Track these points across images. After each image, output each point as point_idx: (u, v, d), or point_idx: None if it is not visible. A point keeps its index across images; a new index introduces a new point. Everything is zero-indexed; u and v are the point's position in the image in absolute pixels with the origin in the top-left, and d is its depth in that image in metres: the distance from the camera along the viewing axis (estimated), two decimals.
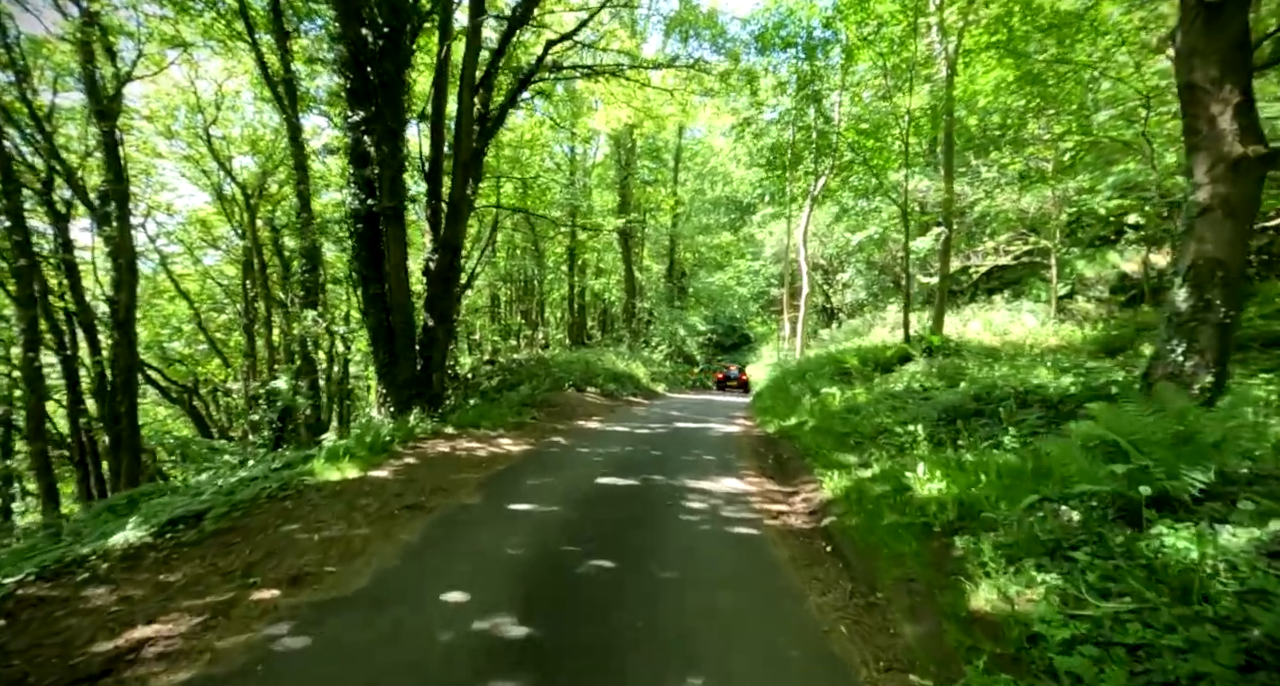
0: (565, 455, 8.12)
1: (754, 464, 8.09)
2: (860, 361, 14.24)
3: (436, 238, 10.35)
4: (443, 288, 10.40)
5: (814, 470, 7.25)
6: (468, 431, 9.37)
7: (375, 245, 9.91)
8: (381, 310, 10.02)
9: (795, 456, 8.40)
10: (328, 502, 5.13)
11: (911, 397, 9.64)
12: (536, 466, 7.24)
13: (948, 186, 13.85)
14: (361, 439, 7.25)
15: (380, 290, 10.00)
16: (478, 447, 8.16)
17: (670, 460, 8.03)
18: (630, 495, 5.98)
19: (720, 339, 40.94)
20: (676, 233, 30.96)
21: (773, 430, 11.29)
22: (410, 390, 10.00)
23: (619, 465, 7.49)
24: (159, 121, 18.82)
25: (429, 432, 8.69)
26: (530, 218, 25.34)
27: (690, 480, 6.78)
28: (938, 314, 14.53)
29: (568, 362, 18.82)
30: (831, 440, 8.56)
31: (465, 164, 10.23)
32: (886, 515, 4.70)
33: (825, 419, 10.53)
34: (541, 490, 6.01)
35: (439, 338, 10.51)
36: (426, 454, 7.44)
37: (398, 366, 10.09)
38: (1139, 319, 13.91)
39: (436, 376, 10.58)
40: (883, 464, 6.36)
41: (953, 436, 6.85)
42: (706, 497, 6.04)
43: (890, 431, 7.64)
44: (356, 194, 9.53)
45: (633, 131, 25.68)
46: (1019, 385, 7.50)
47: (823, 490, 6.10)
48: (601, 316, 34.44)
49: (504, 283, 30.70)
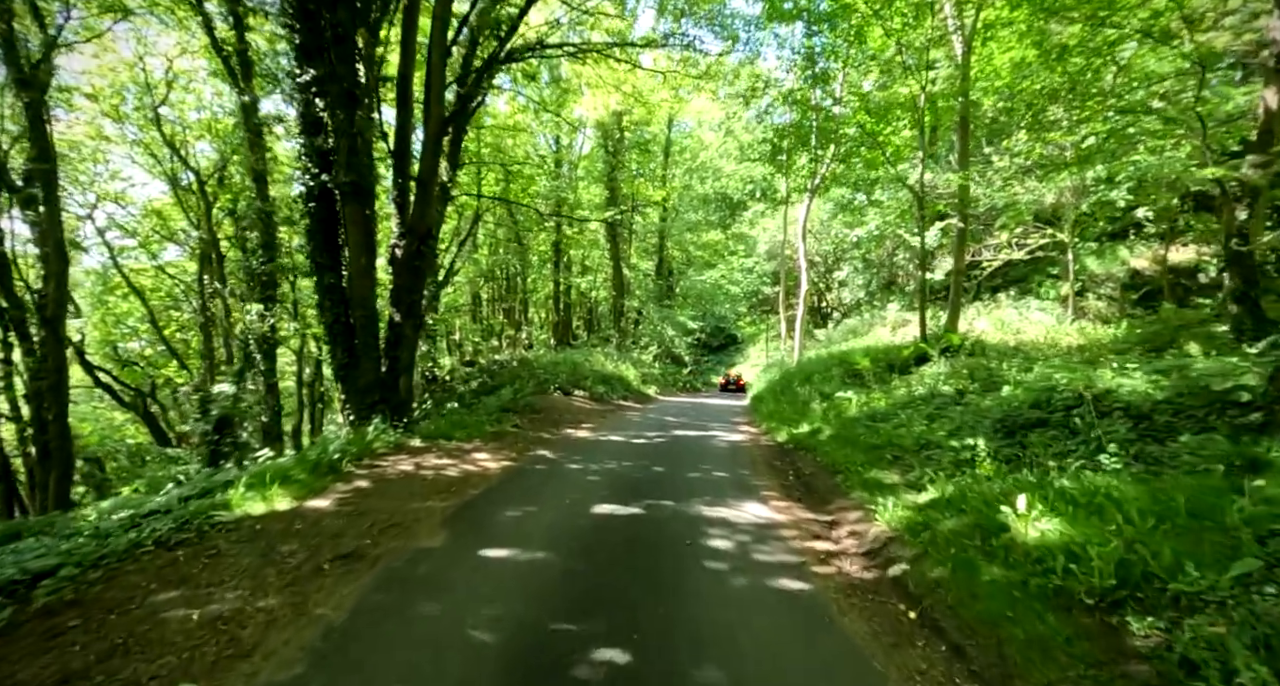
0: (553, 473, 6.86)
1: (774, 482, 6.91)
2: (871, 362, 13.16)
3: (404, 221, 9.03)
4: (411, 278, 9.08)
5: (850, 491, 6.08)
6: (438, 444, 8.06)
7: (331, 228, 8.58)
8: (339, 303, 8.68)
9: (820, 472, 7.22)
10: (236, 551, 3.83)
11: (943, 403, 8.54)
12: (518, 490, 5.98)
13: (963, 173, 12.81)
14: (303, 457, 5.93)
15: (337, 280, 8.67)
16: (448, 465, 6.86)
17: (676, 478, 6.81)
18: (635, 531, 4.75)
19: (707, 339, 39.86)
20: (666, 227, 29.77)
21: (784, 439, 10.13)
22: (373, 396, 8.67)
23: (617, 486, 6.25)
24: (105, 101, 17.20)
25: (391, 446, 7.37)
26: (513, 211, 24.06)
27: (705, 506, 5.57)
28: (952, 311, 13.47)
29: (553, 364, 17.53)
30: (861, 453, 7.41)
31: (436, 135, 8.92)
32: (984, 567, 3.53)
33: (844, 427, 9.41)
34: (524, 525, 4.75)
35: (406, 335, 9.19)
36: (384, 474, 6.14)
37: (358, 368, 8.75)
38: (1176, 316, 12.96)
39: (404, 380, 9.26)
40: (942, 487, 5.22)
41: (1020, 451, 5.73)
42: (730, 532, 4.83)
43: (938, 444, 6.51)
44: (309, 167, 8.19)
45: (621, 120, 24.47)
46: (1084, 389, 6.39)
47: (874, 521, 4.92)
48: (588, 315, 33.14)
49: (486, 280, 29.32)
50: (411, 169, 9.16)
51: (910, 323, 22.33)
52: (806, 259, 21.23)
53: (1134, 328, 14.01)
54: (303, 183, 8.25)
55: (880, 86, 13.37)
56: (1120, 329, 14.20)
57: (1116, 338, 13.28)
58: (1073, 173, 13.63)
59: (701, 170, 34.84)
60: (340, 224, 8.64)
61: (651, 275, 30.73)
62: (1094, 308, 18.07)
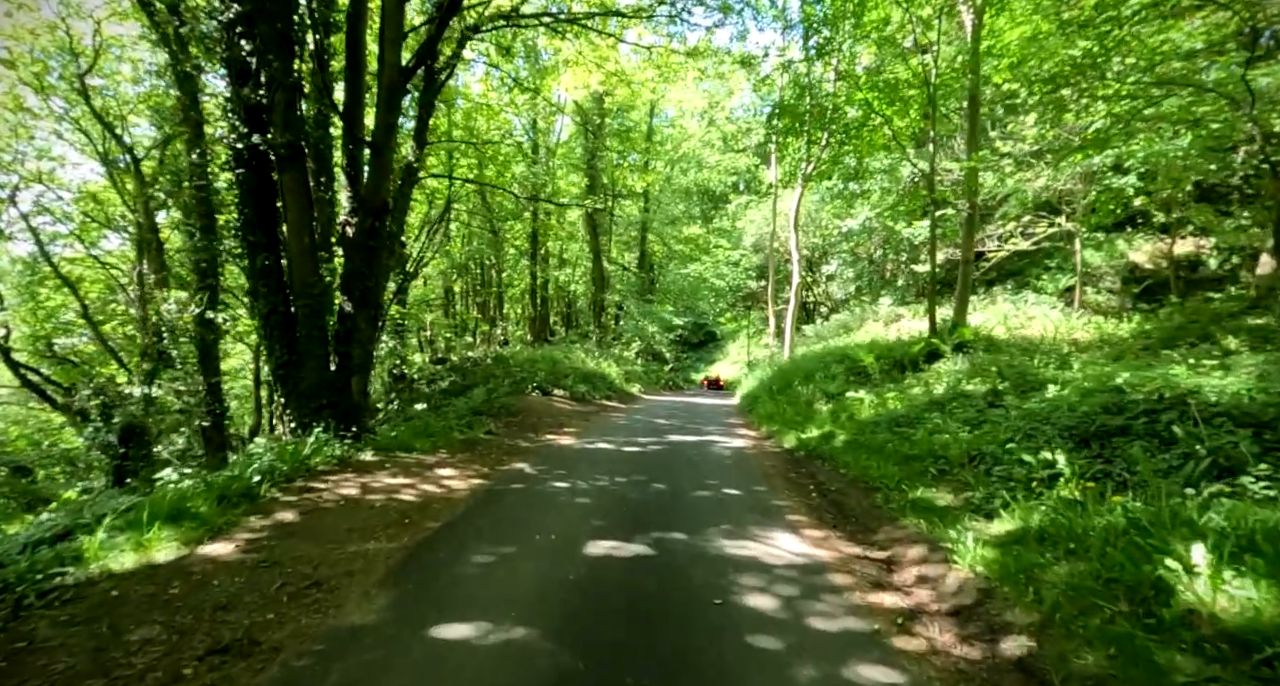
0: (533, 495, 5.65)
1: (797, 501, 5.79)
2: (876, 359, 12.17)
3: (356, 194, 7.69)
4: (365, 261, 7.75)
5: (897, 515, 5.00)
6: (395, 458, 6.78)
7: (267, 199, 7.22)
8: (277, 289, 7.33)
9: (849, 488, 6.14)
10: (60, 641, 2.56)
11: (976, 405, 7.53)
12: (490, 520, 4.75)
13: (977, 155, 11.89)
14: (209, 482, 4.62)
15: (274, 262, 7.31)
16: (405, 485, 5.61)
17: (683, 499, 5.66)
18: (645, 584, 3.58)
19: (688, 336, 38.85)
20: (648, 219, 28.58)
21: (792, 445, 9.06)
22: (318, 400, 7.35)
23: (613, 512, 5.07)
24: (25, 68, 15.35)
25: (334, 462, 6.08)
26: (488, 200, 22.65)
27: (726, 540, 4.43)
28: (959, 304, 12.56)
29: (530, 361, 16.24)
30: (893, 464, 6.35)
31: (392, 89, 7.58)
32: (1159, 653, 2.44)
33: (860, 431, 8.38)
34: (495, 580, 3.55)
35: (360, 328, 7.86)
36: (319, 501, 4.86)
37: (301, 367, 7.42)
38: (1202, 308, 12.23)
39: (357, 380, 7.93)
40: (1025, 514, 4.16)
41: (1105, 466, 4.70)
42: (767, 581, 3.69)
43: (995, 457, 5.45)
44: (235, 126, 6.81)
45: (602, 102, 23.20)
46: (1164, 391, 5.40)
47: (950, 563, 3.82)
48: (566, 310, 31.78)
49: (458, 274, 27.84)
50: (364, 130, 7.81)
51: (903, 317, 21.54)
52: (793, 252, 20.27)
53: (1148, 321, 13.29)
54: (230, 143, 6.86)
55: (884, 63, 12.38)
56: (1132, 323, 13.47)
57: (1133, 332, 12.52)
58: (1088, 155, 12.80)
59: (684, 161, 33.73)
60: (278, 195, 7.28)
61: (633, 268, 29.51)
62: (1094, 301, 17.45)
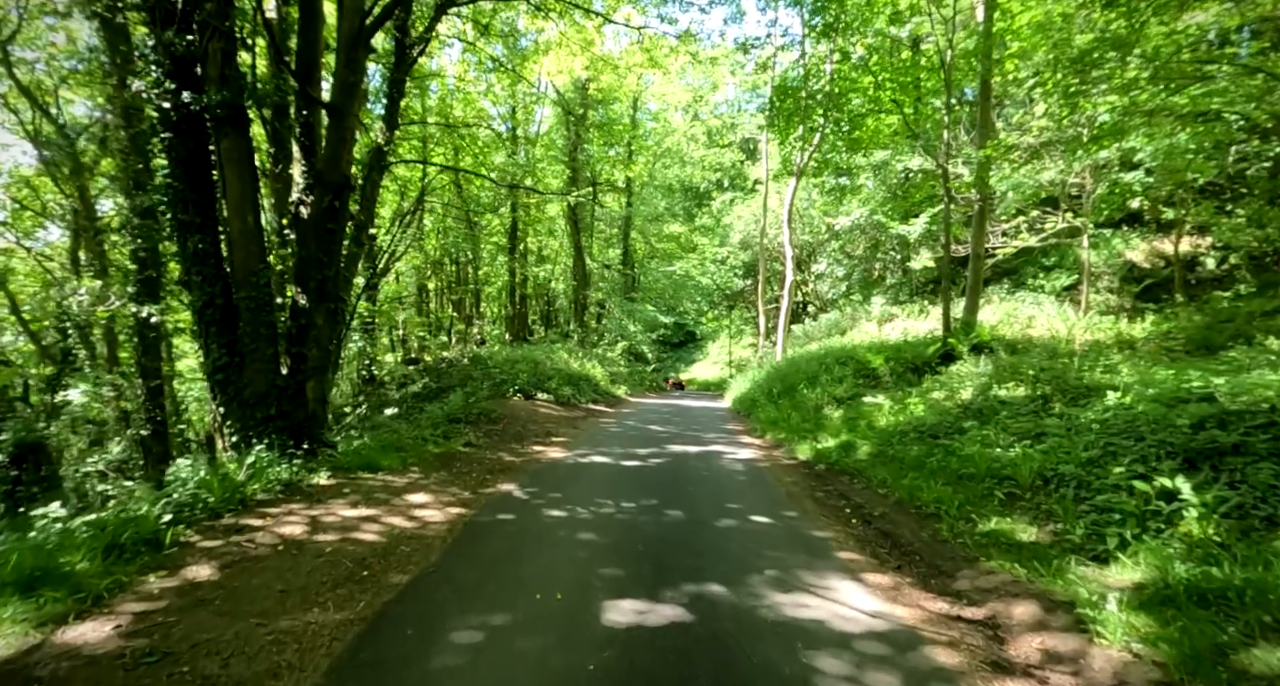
0: (527, 531, 4.61)
1: (841, 531, 4.86)
2: (885, 360, 11.37)
3: (311, 166, 6.54)
4: (323, 246, 6.60)
5: (975, 554, 4.11)
6: (357, 480, 5.67)
7: (201, 171, 6.04)
8: (214, 278, 6.16)
9: (895, 513, 5.23)
10: None
11: (1020, 414, 6.70)
12: (474, 571, 3.70)
13: (992, 143, 11.16)
14: (98, 527, 3.48)
15: (211, 246, 6.14)
16: (366, 519, 4.52)
17: (707, 531, 4.68)
18: (694, 676, 2.59)
19: (669, 336, 37.99)
20: (632, 213, 27.55)
21: (808, 456, 8.15)
22: (265, 409, 6.20)
23: (628, 554, 4.07)
24: None
25: (280, 489, 4.96)
26: (463, 187, 21.41)
27: (778, 593, 3.47)
28: (970, 301, 11.82)
29: (510, 362, 15.11)
30: (940, 484, 5.49)
31: (353, 40, 6.42)
32: None
33: (886, 442, 7.54)
34: (487, 676, 2.52)
35: (316, 325, 6.71)
36: (250, 548, 3.76)
37: (243, 371, 6.26)
38: (1229, 307, 11.67)
39: (313, 386, 6.77)
40: (1161, 561, 3.29)
41: (1226, 493, 3.85)
42: (854, 664, 2.73)
43: (1078, 479, 4.58)
44: (160, 79, 5.63)
45: (586, 90, 22.13)
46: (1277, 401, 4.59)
47: (1095, 638, 2.90)
48: (546, 308, 30.56)
49: (433, 271, 26.53)
50: (320, 91, 6.66)
51: (897, 317, 20.94)
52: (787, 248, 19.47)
53: (1164, 321, 12.73)
54: (153, 100, 5.67)
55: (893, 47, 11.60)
56: (1146, 322, 12.90)
57: (1151, 332, 11.91)
58: (1103, 146, 12.19)
59: (667, 156, 32.80)
60: (215, 166, 6.11)
61: (615, 265, 28.46)
62: (1093, 301, 17.00)
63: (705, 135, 33.20)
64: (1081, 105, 11.90)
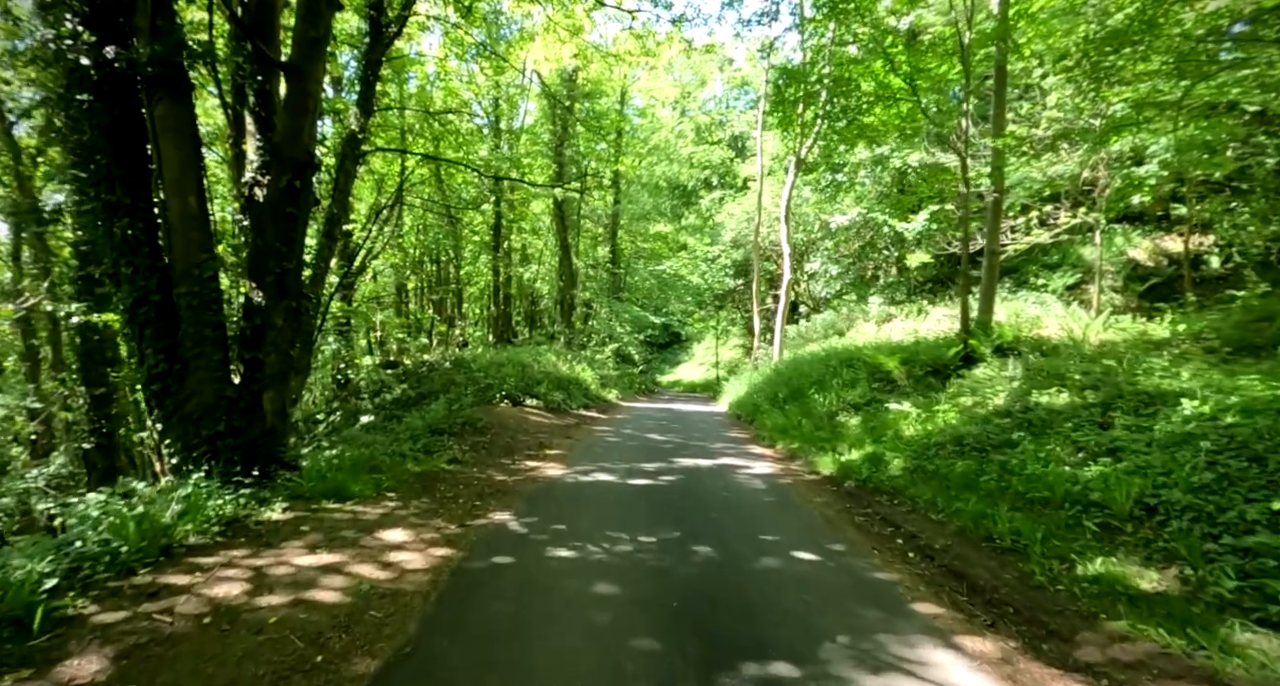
0: (530, 582, 3.71)
1: (906, 573, 4.05)
2: (900, 363, 10.65)
3: (267, 140, 5.58)
4: (282, 234, 5.63)
5: (1087, 607, 3.32)
6: (320, 512, 4.73)
7: (130, 142, 5.05)
8: (148, 271, 5.18)
9: (962, 546, 4.44)
10: None
11: (1077, 425, 5.96)
12: (466, 653, 2.81)
13: (1011, 132, 10.53)
14: None
15: (147, 233, 5.16)
16: (326, 569, 3.60)
17: (750, 578, 3.83)
18: None
19: (656, 337, 37.20)
20: (621, 209, 26.67)
21: (831, 471, 7.36)
22: (212, 425, 5.23)
23: (660, 615, 3.20)
24: None
25: (220, 528, 4.01)
26: (445, 186, 20.40)
27: (869, 676, 2.65)
28: (986, 300, 11.14)
29: (496, 365, 14.15)
30: (1014, 511, 4.70)
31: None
32: None
33: (921, 455, 6.80)
34: None
35: (275, 326, 5.74)
36: (166, 623, 2.83)
37: (186, 381, 5.28)
38: (1262, 306, 11.10)
39: (271, 397, 5.79)
40: None
41: None
42: None
43: (1193, 508, 3.82)
44: (75, 29, 4.64)
45: (574, 81, 21.22)
46: None
47: None
48: (530, 309, 29.52)
49: (412, 270, 25.40)
50: (277, 50, 5.69)
51: (895, 318, 20.37)
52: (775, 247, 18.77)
53: (1188, 320, 12.18)
54: (67, 55, 4.68)
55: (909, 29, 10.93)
56: (1167, 321, 12.35)
57: (1176, 332, 11.35)
58: (1123, 136, 11.63)
59: (654, 153, 31.98)
60: (149, 138, 5.12)
61: (603, 264, 27.56)
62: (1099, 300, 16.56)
63: (694, 132, 32.43)
64: (1104, 93, 11.32)
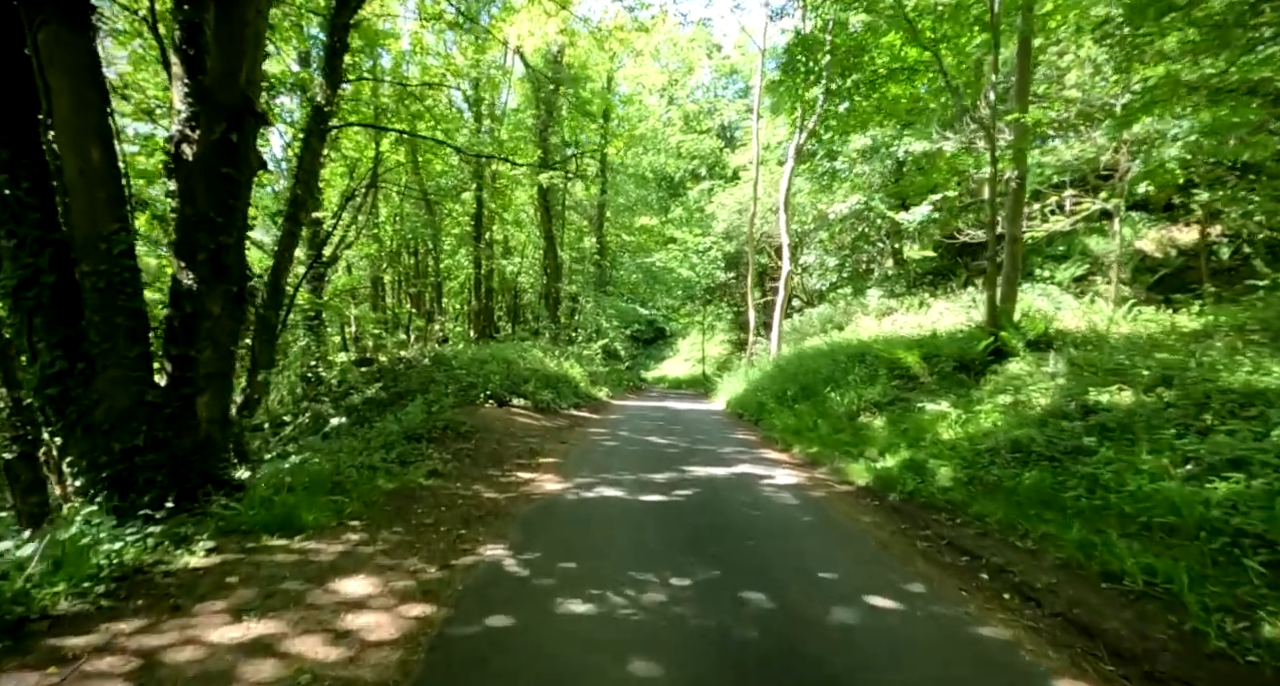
0: (537, 664, 2.73)
1: (1017, 626, 3.16)
2: (922, 358, 9.83)
3: (195, 83, 4.48)
4: (216, 200, 4.53)
5: None
6: (259, 551, 3.68)
7: (14, 81, 3.93)
8: (40, 244, 4.06)
9: (1071, 585, 3.56)
10: None
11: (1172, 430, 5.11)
12: None
13: (1040, 108, 9.73)
14: None
15: (33, 194, 4.04)
16: (251, 648, 2.57)
17: (827, 647, 2.89)
18: None
19: (641, 333, 36.31)
20: (608, 199, 25.61)
21: (867, 481, 6.49)
22: (129, 437, 4.15)
23: None
24: None
25: (109, 583, 2.95)
26: (422, 172, 19.20)
27: None
28: (1008, 289, 10.35)
29: (479, 362, 13.05)
30: (1120, 533, 3.84)
31: None
32: None
33: (973, 464, 5.94)
34: None
35: (211, 315, 4.63)
36: None
37: (92, 383, 4.18)
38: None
39: (206, 403, 4.69)
40: None
41: None
42: None
43: None
44: None
45: (559, 60, 20.09)
46: None
47: None
48: (513, 303, 28.33)
49: (388, 263, 24.16)
50: None
51: (895, 311, 19.67)
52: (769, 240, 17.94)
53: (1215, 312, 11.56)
54: None
55: None
56: (1194, 313, 11.72)
57: (1210, 324, 10.69)
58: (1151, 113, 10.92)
59: (641, 142, 30.93)
60: (36, 74, 4.00)
61: (589, 256, 26.49)
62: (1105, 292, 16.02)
63: (682, 119, 31.45)
64: (1135, 67, 10.55)
